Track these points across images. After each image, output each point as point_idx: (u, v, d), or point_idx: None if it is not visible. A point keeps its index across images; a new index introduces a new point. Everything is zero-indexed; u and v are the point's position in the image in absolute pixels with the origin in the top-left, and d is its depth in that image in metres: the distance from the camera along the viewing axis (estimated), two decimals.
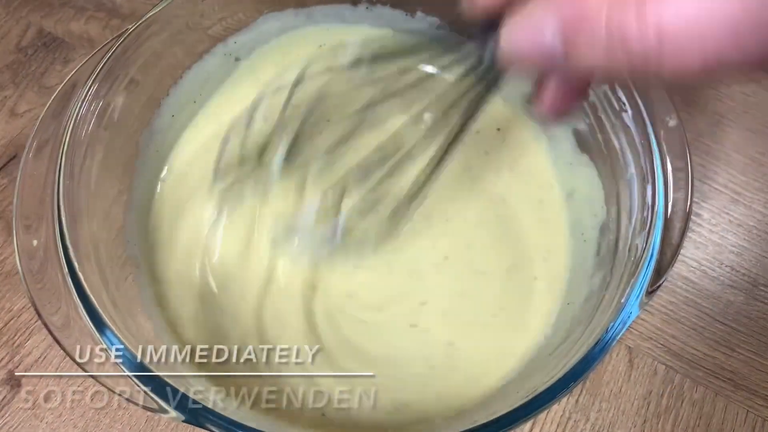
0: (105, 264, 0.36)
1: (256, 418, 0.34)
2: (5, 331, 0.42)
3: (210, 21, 0.43)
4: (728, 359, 0.43)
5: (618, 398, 0.42)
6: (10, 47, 0.52)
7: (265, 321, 0.39)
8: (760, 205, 0.48)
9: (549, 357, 0.36)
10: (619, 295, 0.33)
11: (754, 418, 0.42)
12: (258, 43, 0.46)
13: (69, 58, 0.52)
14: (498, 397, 0.36)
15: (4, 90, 0.50)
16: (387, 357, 0.38)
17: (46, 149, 0.35)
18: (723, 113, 0.51)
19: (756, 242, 0.47)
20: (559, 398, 0.30)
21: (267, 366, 0.37)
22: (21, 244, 0.33)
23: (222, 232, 0.41)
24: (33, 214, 0.34)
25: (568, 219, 0.42)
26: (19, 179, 0.35)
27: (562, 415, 0.41)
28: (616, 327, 0.31)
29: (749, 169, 0.49)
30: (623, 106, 0.37)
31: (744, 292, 0.45)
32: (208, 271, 0.40)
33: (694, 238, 0.47)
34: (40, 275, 0.33)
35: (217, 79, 0.45)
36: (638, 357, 0.43)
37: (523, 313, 0.40)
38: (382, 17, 0.46)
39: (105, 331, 0.31)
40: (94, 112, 0.37)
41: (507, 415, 0.30)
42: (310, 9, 0.45)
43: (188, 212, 0.42)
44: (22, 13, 0.54)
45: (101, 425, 0.40)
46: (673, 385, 0.42)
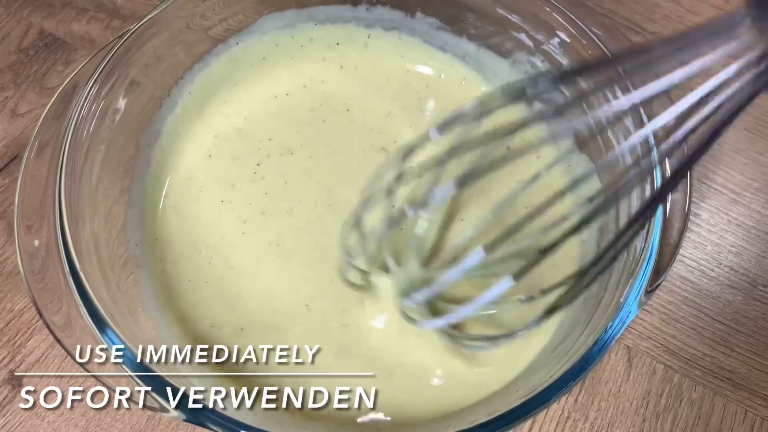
0: (106, 264, 0.36)
1: (257, 417, 0.34)
2: (6, 331, 0.42)
3: (211, 22, 0.43)
4: (727, 359, 0.43)
5: (617, 397, 0.42)
6: (12, 48, 0.52)
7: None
8: (759, 205, 0.48)
9: (548, 356, 0.36)
10: (618, 295, 0.33)
11: (752, 417, 0.42)
12: (259, 44, 0.46)
13: (70, 59, 0.52)
14: (497, 396, 0.36)
15: (6, 91, 0.51)
16: (386, 356, 0.38)
17: (48, 150, 0.36)
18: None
19: (755, 242, 0.47)
20: (559, 397, 0.30)
21: (267, 366, 0.38)
22: (22, 244, 0.34)
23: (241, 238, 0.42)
24: (34, 215, 0.34)
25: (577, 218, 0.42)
26: (20, 179, 0.35)
27: (561, 415, 0.41)
28: (615, 326, 0.32)
29: (748, 169, 0.49)
30: None
31: (743, 291, 0.45)
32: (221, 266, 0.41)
33: (693, 238, 0.47)
34: (41, 275, 0.33)
35: (218, 80, 0.45)
36: (637, 356, 0.43)
37: (522, 313, 0.40)
38: (383, 17, 0.46)
39: (106, 330, 0.31)
40: (95, 113, 0.37)
41: (506, 414, 0.30)
42: (310, 9, 0.45)
43: (194, 211, 0.42)
44: (24, 14, 0.54)
45: (102, 424, 0.40)
46: (672, 385, 0.42)
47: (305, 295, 0.40)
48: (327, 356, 0.38)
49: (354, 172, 0.43)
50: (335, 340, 0.39)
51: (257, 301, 0.40)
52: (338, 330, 0.39)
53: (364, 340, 0.39)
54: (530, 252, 0.29)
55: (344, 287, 0.39)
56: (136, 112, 0.41)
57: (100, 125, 0.37)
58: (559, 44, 0.40)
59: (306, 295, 0.40)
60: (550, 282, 0.37)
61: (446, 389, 0.38)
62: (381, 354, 0.39)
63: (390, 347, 0.39)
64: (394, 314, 0.38)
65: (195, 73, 0.44)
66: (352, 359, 0.38)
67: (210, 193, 0.43)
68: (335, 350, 0.39)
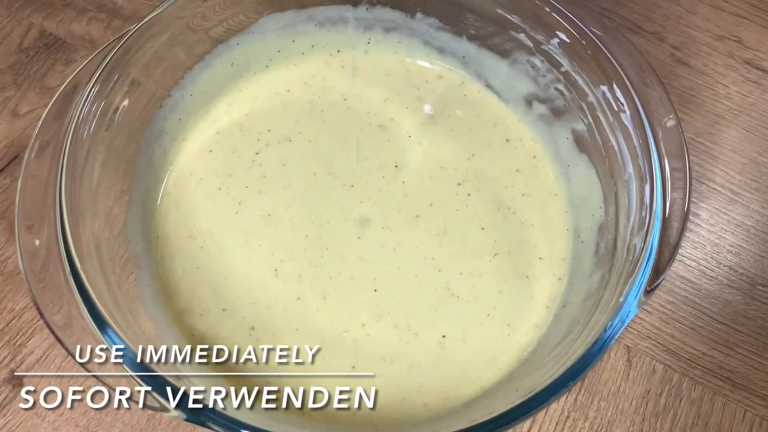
0: (107, 263, 0.36)
1: (257, 416, 0.34)
2: (7, 331, 0.42)
3: (211, 22, 0.43)
4: (726, 358, 0.43)
5: (616, 397, 0.42)
6: (12, 48, 0.52)
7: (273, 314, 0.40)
8: (758, 205, 0.48)
9: (548, 356, 0.36)
10: (617, 295, 0.33)
11: (752, 417, 0.42)
12: (259, 44, 0.46)
13: (71, 59, 0.52)
14: (497, 395, 0.37)
15: (6, 91, 0.51)
16: (385, 354, 0.39)
17: (48, 150, 0.36)
18: (721, 113, 0.51)
19: (754, 242, 0.47)
20: (558, 397, 0.30)
21: (267, 366, 0.38)
22: (23, 244, 0.34)
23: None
24: (35, 214, 0.34)
25: (566, 219, 0.43)
26: (21, 179, 0.35)
27: (560, 414, 0.41)
28: (615, 326, 0.32)
29: (747, 169, 0.49)
30: (621, 107, 0.37)
31: (742, 291, 0.45)
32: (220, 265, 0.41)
33: (693, 238, 0.47)
34: (42, 275, 0.33)
35: (219, 80, 0.45)
36: (637, 356, 0.43)
37: (520, 312, 0.40)
38: (383, 18, 0.46)
39: (107, 330, 0.31)
40: (96, 113, 0.37)
41: (506, 413, 0.30)
42: (311, 10, 0.45)
43: (192, 204, 0.43)
44: (24, 14, 0.54)
45: (103, 424, 0.40)
46: (672, 384, 0.42)
47: (280, 259, 0.41)
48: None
49: (353, 145, 0.44)
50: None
51: (237, 276, 0.41)
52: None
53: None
54: None
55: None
56: (137, 112, 0.41)
57: (100, 125, 0.37)
58: (558, 44, 0.40)
59: (279, 260, 0.41)
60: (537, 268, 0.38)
61: (444, 386, 0.38)
62: (379, 351, 0.39)
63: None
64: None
65: (196, 74, 0.44)
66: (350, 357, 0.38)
67: (208, 183, 0.43)
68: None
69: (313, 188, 0.43)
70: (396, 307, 0.40)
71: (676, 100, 0.51)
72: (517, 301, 0.40)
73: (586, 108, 0.40)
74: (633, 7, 0.55)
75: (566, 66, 0.41)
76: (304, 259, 0.41)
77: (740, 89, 0.52)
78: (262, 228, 0.42)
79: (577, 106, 0.41)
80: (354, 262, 0.41)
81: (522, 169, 0.44)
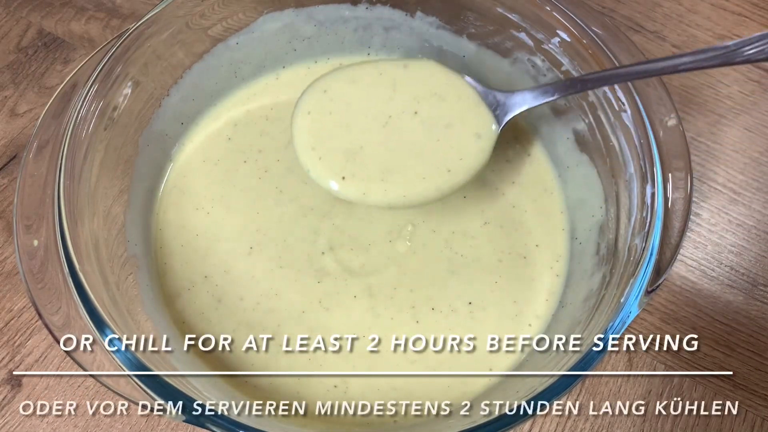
0: (105, 264, 0.36)
1: (257, 417, 0.34)
2: (6, 331, 0.42)
3: (210, 21, 0.43)
4: (727, 359, 0.43)
5: (617, 397, 0.42)
6: (11, 47, 0.52)
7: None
8: (759, 204, 0.48)
9: (548, 356, 0.36)
10: (618, 295, 0.33)
11: (753, 417, 0.42)
12: (259, 43, 0.46)
13: (69, 59, 0.52)
14: (497, 396, 0.36)
15: (5, 90, 0.51)
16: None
17: (47, 149, 0.35)
18: (722, 113, 0.51)
19: (755, 242, 0.47)
20: (559, 398, 0.30)
21: (267, 365, 0.38)
22: (22, 244, 0.33)
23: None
24: (33, 214, 0.34)
25: (567, 219, 0.43)
26: (19, 179, 0.35)
27: (561, 415, 0.41)
28: (616, 326, 0.32)
29: (748, 169, 0.49)
30: (622, 106, 0.37)
31: (743, 291, 0.45)
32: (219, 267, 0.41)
33: (694, 238, 0.47)
34: (40, 275, 0.33)
35: (218, 80, 0.45)
36: (638, 356, 0.43)
37: (520, 312, 0.40)
38: (382, 17, 0.46)
39: (105, 330, 0.31)
40: (95, 112, 0.37)
41: (506, 414, 0.30)
42: (310, 9, 0.45)
43: (191, 204, 0.43)
44: (23, 13, 0.54)
45: (102, 425, 0.40)
46: (673, 385, 0.42)
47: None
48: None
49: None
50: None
51: (237, 276, 0.41)
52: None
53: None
54: None
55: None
56: (136, 111, 0.41)
57: (99, 125, 0.37)
58: (559, 44, 0.40)
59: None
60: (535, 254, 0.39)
61: (443, 385, 0.38)
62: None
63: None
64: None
65: (195, 73, 0.44)
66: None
67: (207, 183, 0.44)
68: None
69: (312, 188, 0.43)
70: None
71: (678, 100, 0.51)
72: (517, 300, 0.40)
73: (587, 107, 0.40)
74: (634, 6, 0.55)
75: (567, 65, 0.41)
76: (305, 258, 0.41)
77: (742, 88, 0.52)
78: (262, 229, 0.42)
79: (577, 105, 0.41)
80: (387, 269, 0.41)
81: (520, 168, 0.44)
